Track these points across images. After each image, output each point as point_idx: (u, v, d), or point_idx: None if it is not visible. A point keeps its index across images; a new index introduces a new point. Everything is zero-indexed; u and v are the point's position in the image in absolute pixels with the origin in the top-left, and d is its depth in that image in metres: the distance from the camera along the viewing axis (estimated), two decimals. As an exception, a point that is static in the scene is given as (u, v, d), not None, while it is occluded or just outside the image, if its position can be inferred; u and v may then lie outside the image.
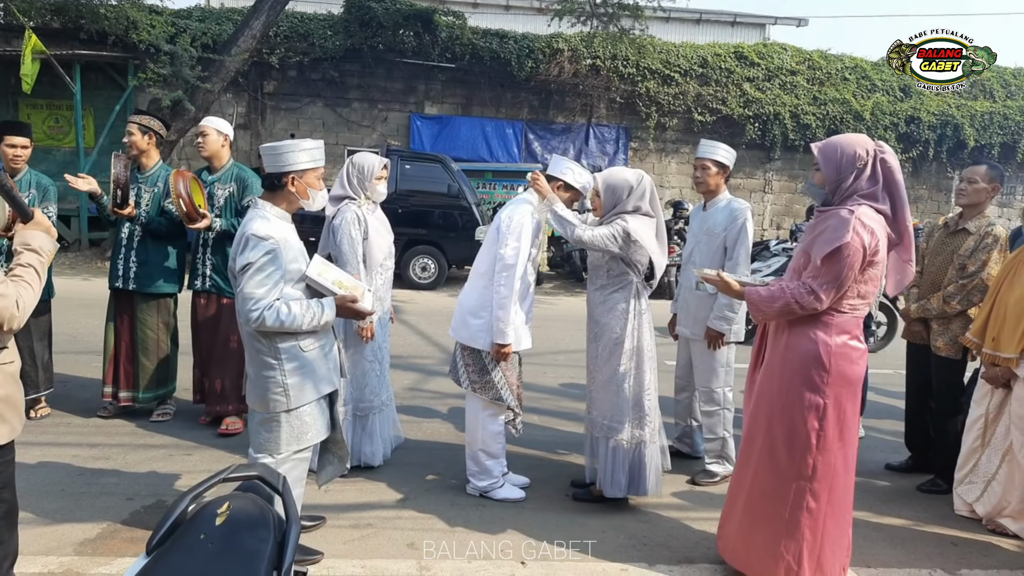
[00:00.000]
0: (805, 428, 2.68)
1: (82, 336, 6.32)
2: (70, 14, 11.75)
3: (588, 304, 3.59)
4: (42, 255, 2.18)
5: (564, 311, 9.34)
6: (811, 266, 2.63)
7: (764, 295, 2.71)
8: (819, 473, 2.69)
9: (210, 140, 4.35)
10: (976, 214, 3.86)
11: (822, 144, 2.70)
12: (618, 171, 3.49)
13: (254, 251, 2.55)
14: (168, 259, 4.44)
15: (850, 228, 2.52)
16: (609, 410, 3.44)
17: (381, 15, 13.09)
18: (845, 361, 2.66)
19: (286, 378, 2.66)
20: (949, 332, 3.88)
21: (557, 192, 3.53)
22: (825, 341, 2.65)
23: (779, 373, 2.75)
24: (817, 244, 2.61)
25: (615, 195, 3.43)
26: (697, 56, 14.57)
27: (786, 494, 2.73)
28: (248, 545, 1.58)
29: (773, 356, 2.81)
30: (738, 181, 14.76)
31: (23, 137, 4.18)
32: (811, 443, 2.68)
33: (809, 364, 2.66)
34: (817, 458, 2.68)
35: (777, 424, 2.74)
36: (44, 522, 3.15)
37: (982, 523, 3.60)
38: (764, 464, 2.79)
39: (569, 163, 3.57)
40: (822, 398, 2.66)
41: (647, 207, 3.42)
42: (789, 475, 2.72)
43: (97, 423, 4.41)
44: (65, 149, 13.08)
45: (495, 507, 3.53)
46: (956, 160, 15.43)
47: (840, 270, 2.55)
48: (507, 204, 3.58)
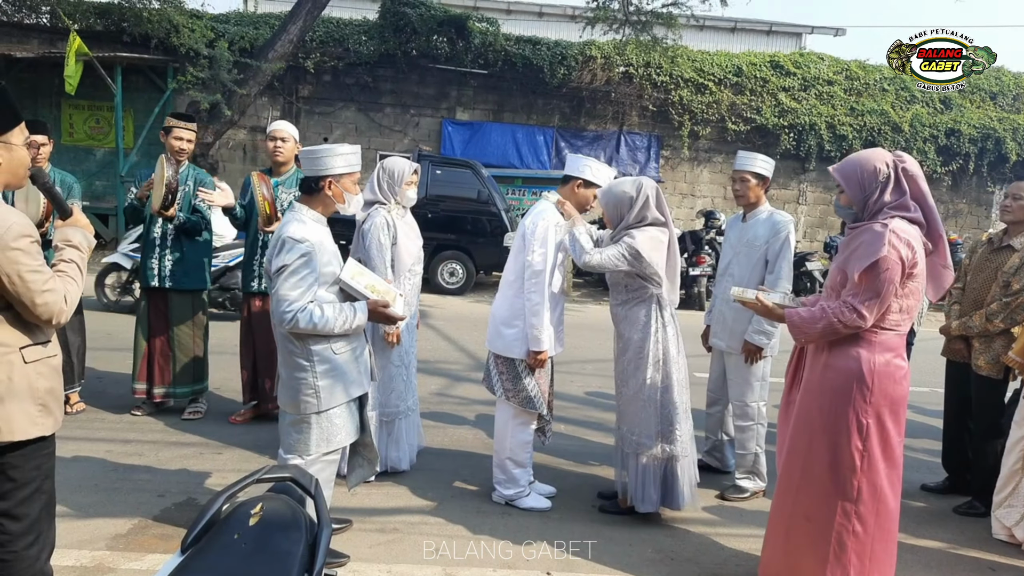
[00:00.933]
0: (849, 449, 2.60)
1: (117, 333, 6.44)
2: (114, 17, 12.05)
3: (612, 319, 3.56)
4: (82, 251, 2.23)
5: (591, 319, 9.29)
6: (849, 283, 2.58)
7: (806, 317, 2.65)
8: (864, 495, 2.61)
9: (288, 147, 4.44)
10: (1022, 230, 3.76)
11: (839, 166, 2.67)
12: (616, 185, 3.43)
13: (290, 254, 2.58)
14: (200, 256, 4.55)
15: (885, 242, 2.47)
16: (638, 425, 3.40)
17: (415, 21, 13.21)
18: (888, 380, 2.59)
19: (317, 380, 2.67)
20: (991, 351, 3.78)
21: (578, 190, 3.51)
22: (868, 359, 2.58)
23: (819, 393, 2.68)
24: (853, 260, 2.56)
25: (617, 210, 3.39)
26: (732, 65, 14.45)
27: (831, 517, 2.64)
28: (281, 546, 1.58)
29: (812, 375, 2.74)
30: (772, 192, 14.54)
31: (41, 135, 4.20)
32: (856, 464, 2.60)
33: (851, 383, 2.59)
34: (862, 480, 2.61)
35: (819, 446, 2.67)
36: (77, 516, 3.21)
37: (1021, 548, 3.49)
38: (807, 487, 2.71)
39: (586, 160, 3.54)
40: (865, 418, 2.58)
41: (654, 214, 3.35)
42: (833, 498, 2.64)
43: (130, 419, 4.49)
44: (105, 149, 13.38)
45: (521, 516, 3.51)
46: (997, 174, 15.08)
47: (880, 285, 2.49)
48: (529, 211, 3.57)
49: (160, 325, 4.52)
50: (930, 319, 7.42)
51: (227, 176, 13.22)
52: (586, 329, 8.27)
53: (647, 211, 3.35)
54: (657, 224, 3.37)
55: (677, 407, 3.38)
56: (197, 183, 4.46)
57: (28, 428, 2.03)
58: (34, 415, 2.04)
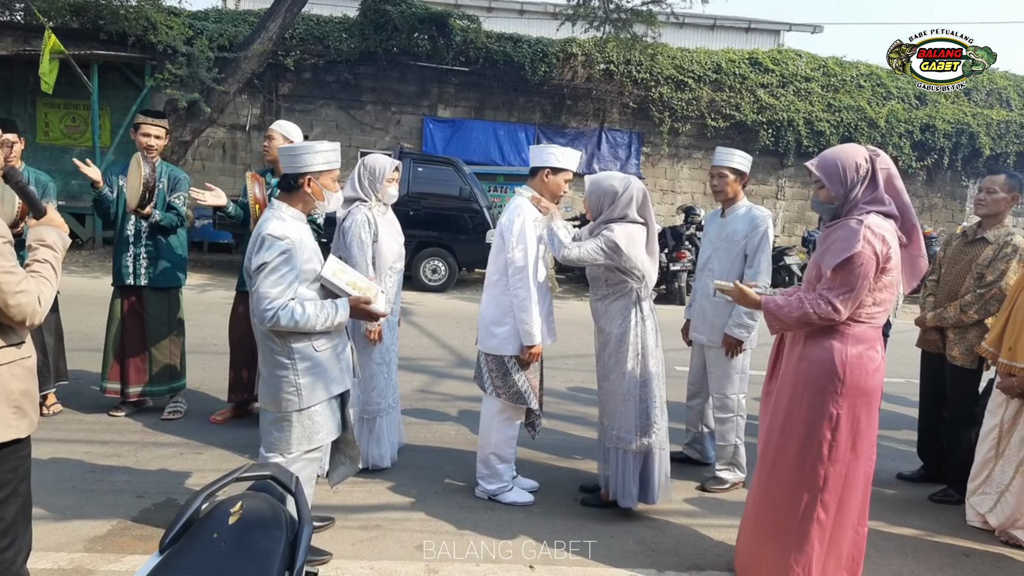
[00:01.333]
0: (817, 438, 2.65)
1: (95, 333, 6.35)
2: (89, 14, 11.87)
3: (592, 315, 3.58)
4: (56, 250, 2.20)
5: (573, 315, 9.32)
6: (824, 278, 2.62)
7: (782, 304, 2.69)
8: (830, 484, 2.66)
9: (274, 145, 4.37)
10: (995, 223, 3.83)
11: (818, 162, 2.69)
12: (605, 177, 3.44)
13: (269, 251, 2.57)
14: (175, 252, 4.51)
15: (860, 238, 2.51)
16: (618, 420, 3.43)
17: (396, 18, 13.14)
18: (861, 372, 2.62)
19: (298, 378, 2.67)
20: (965, 341, 3.85)
21: (548, 179, 3.51)
22: (841, 351, 2.62)
23: (792, 384, 2.73)
24: (828, 255, 2.60)
25: (600, 201, 3.41)
26: (711, 62, 14.54)
27: (796, 505, 2.70)
28: (261, 544, 1.58)
29: (787, 367, 2.79)
30: (751, 188, 14.68)
31: (11, 133, 4.15)
32: (823, 454, 2.65)
33: (823, 374, 2.63)
34: (829, 469, 2.65)
35: (790, 435, 2.72)
36: (55, 518, 3.17)
37: (995, 534, 3.57)
38: (776, 475, 2.76)
39: (548, 147, 3.54)
40: (836, 408, 2.63)
41: (635, 214, 3.37)
42: (800, 486, 2.69)
43: (108, 420, 4.44)
44: (81, 148, 13.20)
45: (504, 511, 3.53)
46: (971, 169, 15.31)
47: (854, 280, 2.53)
48: (505, 208, 3.56)
49: (135, 324, 4.47)
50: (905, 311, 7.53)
51: (207, 174, 13.10)
52: (568, 324, 8.27)
53: (628, 210, 3.36)
54: (638, 224, 3.39)
55: (655, 401, 3.41)
56: (172, 180, 4.44)
57: (2, 431, 2.01)
58: (8, 417, 2.02)
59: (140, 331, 4.47)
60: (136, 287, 4.42)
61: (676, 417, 4.38)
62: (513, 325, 3.42)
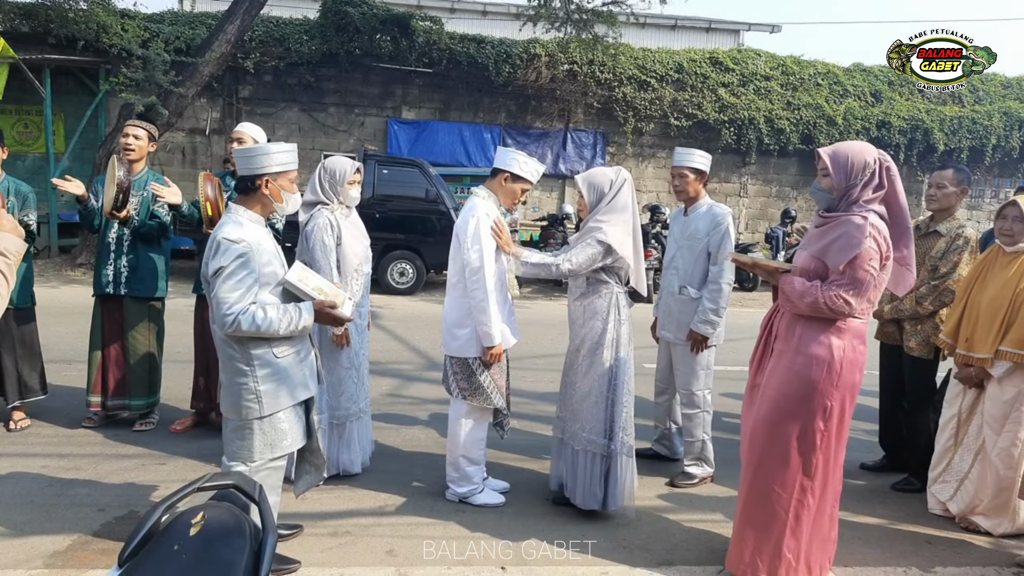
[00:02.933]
0: (811, 430, 2.74)
1: (52, 344, 6.18)
2: (39, 18, 11.55)
3: (569, 314, 3.58)
4: (9, 257, 2.13)
5: (541, 315, 9.34)
6: (833, 274, 2.66)
7: (798, 288, 2.72)
8: (818, 471, 2.77)
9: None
10: (947, 217, 3.92)
11: (831, 151, 2.73)
12: (596, 170, 3.54)
13: (225, 255, 2.52)
14: (158, 262, 4.40)
15: (867, 234, 2.58)
16: (588, 422, 3.43)
17: (358, 20, 13.03)
18: (853, 366, 2.73)
19: (259, 384, 2.62)
20: (921, 333, 3.94)
21: (506, 184, 3.47)
22: (838, 346, 2.71)
23: (787, 378, 2.77)
24: (834, 252, 2.66)
25: (598, 191, 3.46)
26: (673, 62, 14.69)
27: (790, 494, 2.78)
28: (223, 555, 1.55)
29: (780, 361, 2.83)
30: (714, 185, 14.89)
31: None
32: (815, 443, 2.74)
33: (821, 368, 2.70)
34: (819, 457, 2.76)
35: (785, 427, 2.77)
36: (12, 534, 3.08)
37: (955, 521, 3.65)
38: (768, 465, 2.81)
39: (515, 153, 3.50)
40: (830, 401, 2.72)
41: (629, 200, 3.46)
42: (795, 475, 2.77)
43: (67, 433, 4.32)
44: (35, 155, 12.85)
45: (474, 513, 3.51)
46: (926, 164, 15.70)
47: (865, 276, 2.60)
48: (461, 211, 3.52)
49: (114, 334, 4.36)
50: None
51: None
52: (537, 325, 8.31)
53: (622, 195, 3.44)
54: (624, 214, 3.44)
55: (625, 404, 3.42)
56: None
57: None
58: None
59: (119, 342, 4.36)
60: (116, 296, 4.31)
61: (644, 413, 4.41)
62: (473, 327, 3.39)
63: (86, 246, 11.10)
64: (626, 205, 3.46)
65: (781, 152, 15.20)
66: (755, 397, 2.93)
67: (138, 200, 4.27)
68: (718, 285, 3.79)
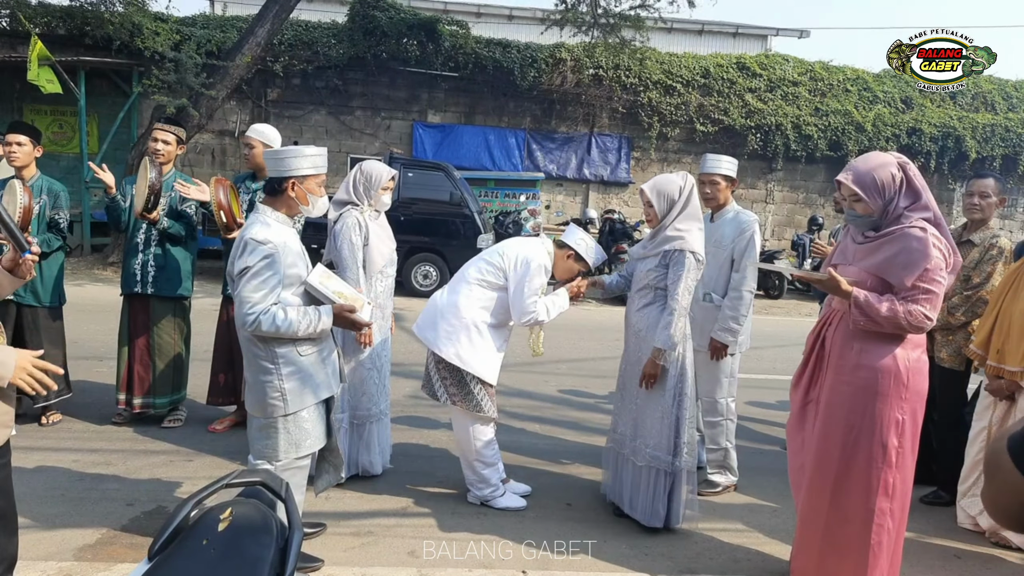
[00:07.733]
0: (886, 446, 2.62)
1: (83, 341, 6.32)
2: (76, 20, 11.81)
3: (630, 324, 3.50)
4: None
5: (565, 320, 9.33)
6: (901, 290, 2.56)
7: (872, 301, 2.58)
8: (897, 491, 2.66)
9: (256, 153, 4.34)
10: (981, 227, 3.85)
11: (853, 176, 2.61)
12: (662, 179, 3.46)
13: (252, 255, 2.55)
14: (184, 262, 4.47)
15: (930, 246, 2.51)
16: (653, 437, 3.34)
17: (385, 24, 13.15)
18: (919, 376, 2.65)
19: (283, 383, 2.65)
20: (952, 344, 3.88)
21: (568, 261, 3.56)
22: (903, 356, 2.62)
23: (851, 393, 2.67)
24: (897, 268, 2.56)
25: (668, 199, 3.39)
26: (699, 67, 14.62)
27: (870, 517, 2.65)
28: (250, 551, 1.57)
29: (840, 376, 2.71)
30: (740, 192, 14.77)
31: (20, 135, 4.16)
32: (891, 460, 2.63)
33: (888, 380, 2.61)
34: (896, 476, 2.64)
35: (857, 445, 2.66)
36: (43, 527, 3.14)
37: (985, 536, 3.58)
38: (844, 488, 2.69)
39: (583, 235, 3.59)
40: (901, 414, 2.62)
41: (696, 203, 3.43)
42: (872, 496, 2.65)
43: (97, 428, 4.40)
44: (69, 155, 13.12)
45: (496, 515, 3.52)
46: (957, 172, 15.45)
47: (939, 288, 2.53)
48: (521, 244, 3.57)
49: (140, 333, 4.43)
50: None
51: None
52: (560, 330, 8.29)
53: (693, 200, 3.41)
54: (700, 216, 3.44)
55: (689, 420, 3.35)
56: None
57: None
58: None
59: (145, 341, 4.43)
60: (143, 296, 4.39)
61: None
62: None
63: (118, 245, 11.31)
64: (698, 210, 3.42)
65: (808, 158, 15.04)
66: (807, 414, 2.82)
67: (166, 201, 4.34)
68: (739, 293, 3.75)
